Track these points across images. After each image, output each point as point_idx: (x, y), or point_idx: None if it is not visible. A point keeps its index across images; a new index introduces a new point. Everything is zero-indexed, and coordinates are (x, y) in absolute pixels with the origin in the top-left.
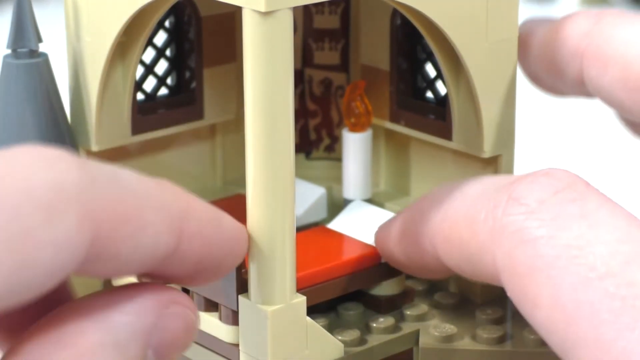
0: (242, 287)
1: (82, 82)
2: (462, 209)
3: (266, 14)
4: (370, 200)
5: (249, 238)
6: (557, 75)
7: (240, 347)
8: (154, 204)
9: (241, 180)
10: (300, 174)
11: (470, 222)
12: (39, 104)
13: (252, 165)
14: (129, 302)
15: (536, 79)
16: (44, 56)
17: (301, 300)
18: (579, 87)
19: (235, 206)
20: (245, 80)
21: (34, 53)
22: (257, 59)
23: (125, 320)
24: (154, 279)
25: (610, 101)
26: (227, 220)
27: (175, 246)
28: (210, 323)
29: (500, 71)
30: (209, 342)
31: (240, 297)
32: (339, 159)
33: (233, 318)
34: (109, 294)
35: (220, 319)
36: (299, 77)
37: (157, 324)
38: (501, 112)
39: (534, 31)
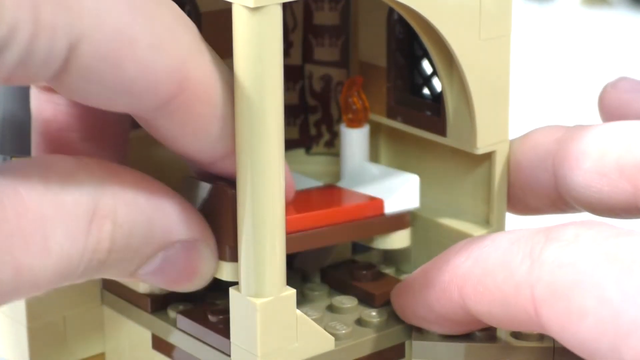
0: (233, 256)
1: None
2: (495, 254)
3: (255, 9)
4: None
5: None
6: (530, 186)
7: (231, 339)
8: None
9: None
10: (301, 169)
11: (505, 265)
12: None
13: (242, 159)
14: (185, 210)
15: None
16: None
17: (291, 293)
18: (554, 195)
19: None
20: (235, 76)
21: None
22: (246, 55)
23: (171, 215)
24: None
25: (585, 196)
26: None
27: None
28: None
29: (493, 68)
30: (200, 334)
31: (230, 289)
32: (339, 155)
33: (231, 254)
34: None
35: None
36: (299, 73)
37: (183, 245)
38: (495, 109)
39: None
